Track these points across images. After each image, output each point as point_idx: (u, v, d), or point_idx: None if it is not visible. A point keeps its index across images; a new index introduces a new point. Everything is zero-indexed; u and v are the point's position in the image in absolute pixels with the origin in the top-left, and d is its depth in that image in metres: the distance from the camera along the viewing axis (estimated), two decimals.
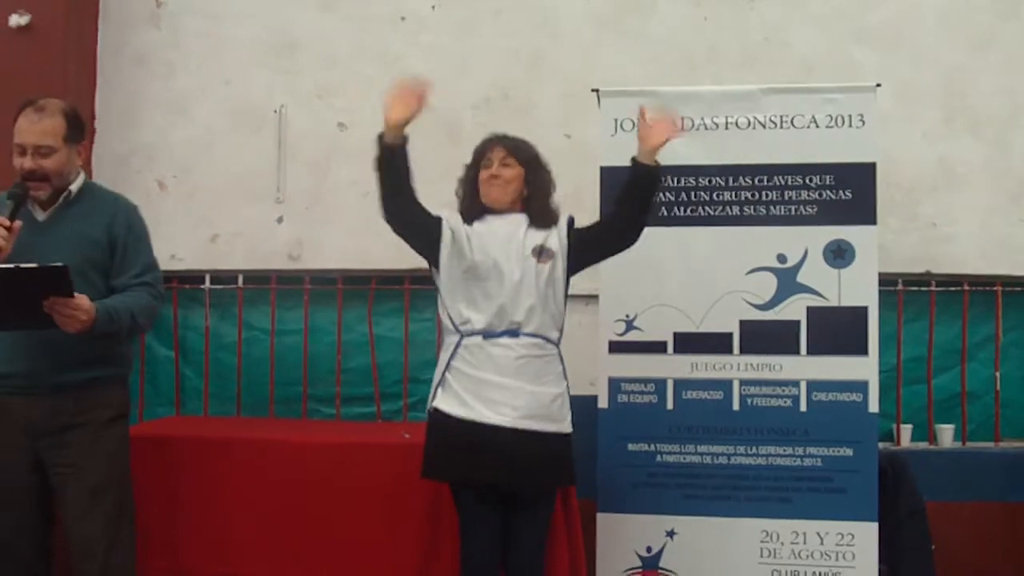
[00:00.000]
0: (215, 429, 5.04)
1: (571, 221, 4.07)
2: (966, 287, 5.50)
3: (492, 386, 3.79)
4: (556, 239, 3.97)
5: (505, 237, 3.92)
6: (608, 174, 4.71)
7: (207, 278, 5.71)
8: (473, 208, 4.01)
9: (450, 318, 3.91)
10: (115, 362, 3.95)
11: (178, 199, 5.68)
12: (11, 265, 3.41)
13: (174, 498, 4.48)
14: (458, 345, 3.86)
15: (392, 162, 3.88)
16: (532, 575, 3.89)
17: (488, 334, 3.83)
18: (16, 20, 5.29)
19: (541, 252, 3.91)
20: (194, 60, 5.70)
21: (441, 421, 3.84)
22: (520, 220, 3.98)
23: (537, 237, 3.94)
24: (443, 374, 3.89)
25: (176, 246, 5.60)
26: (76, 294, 3.53)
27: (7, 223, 3.59)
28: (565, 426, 3.91)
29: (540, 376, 3.85)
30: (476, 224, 3.97)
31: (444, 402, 3.86)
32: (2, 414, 3.79)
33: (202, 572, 4.46)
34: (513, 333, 3.83)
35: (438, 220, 3.95)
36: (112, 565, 3.87)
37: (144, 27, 5.73)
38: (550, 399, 3.85)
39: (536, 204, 4.02)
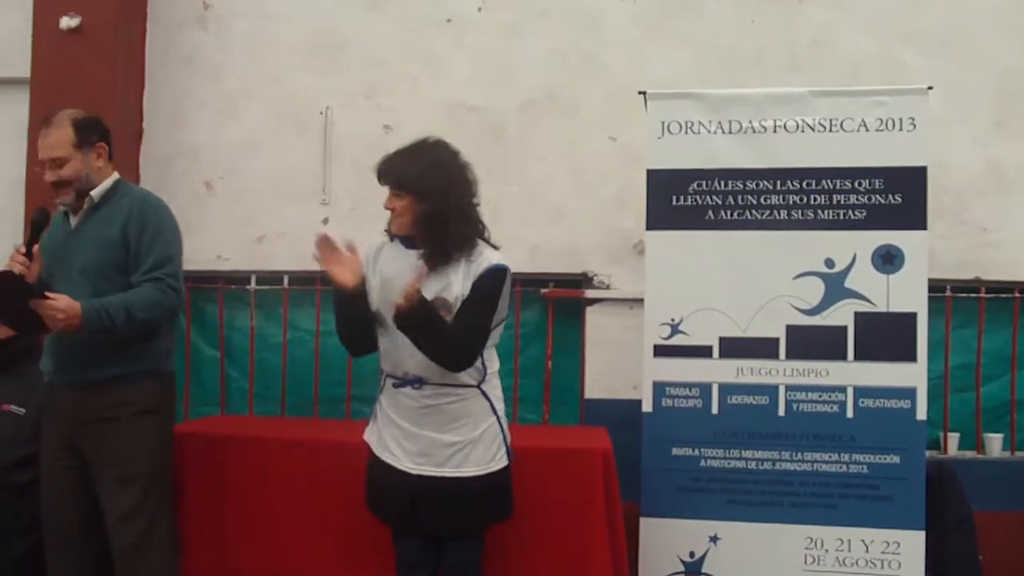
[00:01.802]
0: (260, 428, 5.06)
1: (491, 271, 3.60)
2: (1016, 294, 5.42)
3: (401, 430, 3.72)
4: (459, 283, 3.61)
5: (404, 279, 3.53)
6: (654, 177, 4.70)
7: (253, 279, 5.73)
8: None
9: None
10: (143, 358, 4.06)
11: (224, 200, 5.71)
12: None
13: (220, 495, 4.50)
14: (383, 382, 3.82)
15: (355, 311, 3.68)
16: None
17: (395, 382, 3.73)
18: (67, 22, 5.35)
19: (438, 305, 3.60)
20: (241, 61, 5.74)
21: (370, 454, 3.84)
22: (411, 257, 3.66)
23: (435, 283, 3.59)
24: (376, 406, 3.86)
25: (222, 247, 5.65)
26: (52, 294, 3.77)
27: (23, 250, 3.87)
28: (483, 468, 3.72)
29: (449, 423, 3.67)
30: (386, 252, 3.78)
31: (369, 435, 3.86)
32: (50, 403, 4.10)
33: (247, 569, 4.47)
34: (415, 384, 3.67)
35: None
36: (143, 557, 4.01)
37: (192, 28, 5.77)
38: (459, 446, 3.67)
39: (428, 241, 3.61)
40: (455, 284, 3.60)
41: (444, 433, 3.69)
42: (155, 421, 4.09)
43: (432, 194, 3.62)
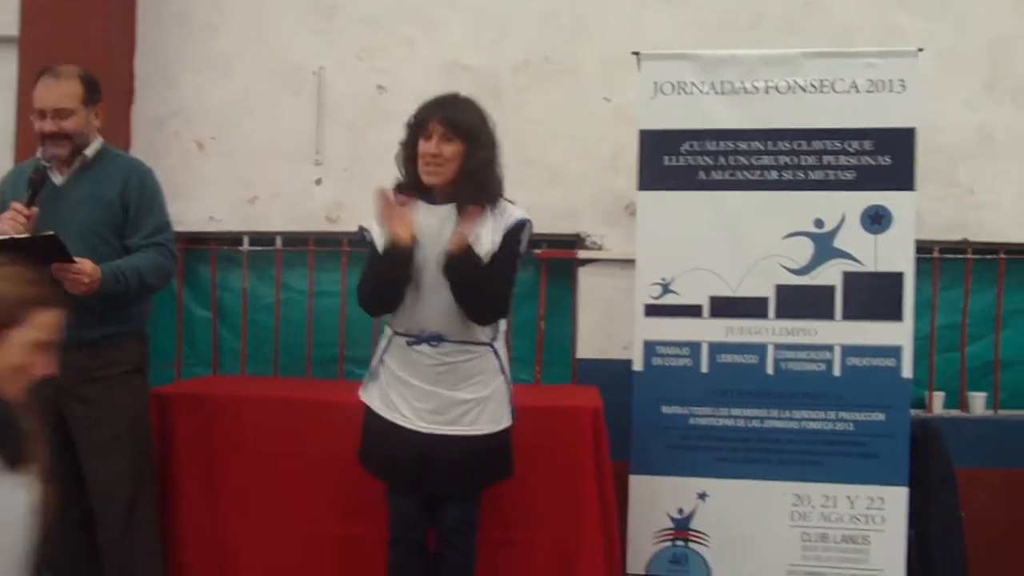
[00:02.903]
0: (252, 388, 5.12)
1: (520, 224, 3.76)
2: (1002, 255, 5.47)
3: (416, 391, 3.74)
4: (488, 236, 3.68)
5: (432, 236, 3.66)
6: (648, 137, 4.74)
7: (245, 240, 5.75)
8: (412, 188, 3.75)
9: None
10: (130, 319, 4.13)
11: (217, 160, 5.71)
12: (4, 236, 3.65)
13: (211, 454, 4.55)
14: (391, 341, 3.83)
15: (402, 268, 3.65)
16: (460, 545, 3.91)
17: (409, 340, 3.75)
18: None
19: None
20: (234, 21, 5.71)
21: (370, 415, 3.86)
22: (450, 213, 3.68)
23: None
24: (376, 365, 3.88)
25: (214, 207, 5.67)
26: (78, 258, 3.74)
27: (24, 209, 3.82)
28: (493, 426, 3.81)
29: (463, 381, 3.74)
30: (418, 205, 3.73)
31: (370, 395, 3.87)
32: None
33: (238, 528, 4.53)
34: (433, 341, 3.70)
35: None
36: (134, 515, 4.09)
37: None
38: (473, 403, 3.75)
39: (472, 190, 3.67)
40: (484, 238, 3.65)
41: (458, 391, 3.74)
42: (142, 380, 4.20)
43: (485, 142, 3.74)
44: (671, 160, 4.70)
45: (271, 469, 4.51)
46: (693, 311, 4.68)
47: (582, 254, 5.43)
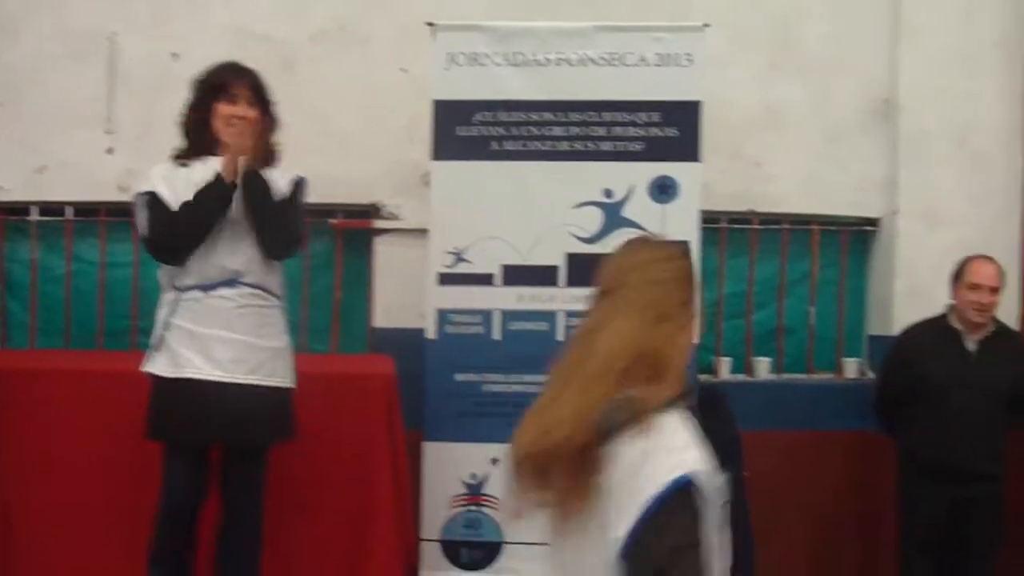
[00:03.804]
0: (42, 361, 4.97)
1: (301, 182, 3.99)
2: (786, 226, 5.71)
3: (213, 340, 3.76)
4: (280, 182, 3.90)
5: None
6: (441, 107, 4.76)
7: (34, 210, 5.54)
8: (202, 145, 3.86)
9: (168, 275, 3.87)
10: None
11: (3, 128, 5.47)
12: None
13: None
14: (177, 302, 3.82)
15: (226, 205, 3.77)
16: (248, 514, 3.95)
17: (206, 287, 3.78)
18: None
19: None
20: None
21: (157, 384, 3.83)
22: (240, 161, 3.81)
23: None
24: (161, 334, 3.84)
25: (1, 176, 5.44)
26: None
27: None
28: (286, 380, 3.90)
29: (260, 328, 3.82)
30: (196, 165, 3.84)
31: (156, 365, 3.84)
32: None
33: (24, 503, 4.39)
34: (231, 283, 3.78)
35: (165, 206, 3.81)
36: None
37: None
38: (270, 353, 3.84)
39: (263, 149, 3.90)
40: (277, 182, 3.85)
41: (259, 337, 3.80)
42: None
43: (271, 112, 3.97)
44: (464, 130, 4.74)
45: (62, 442, 4.38)
46: (485, 279, 4.73)
47: (378, 224, 5.44)
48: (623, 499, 2.03)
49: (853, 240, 5.83)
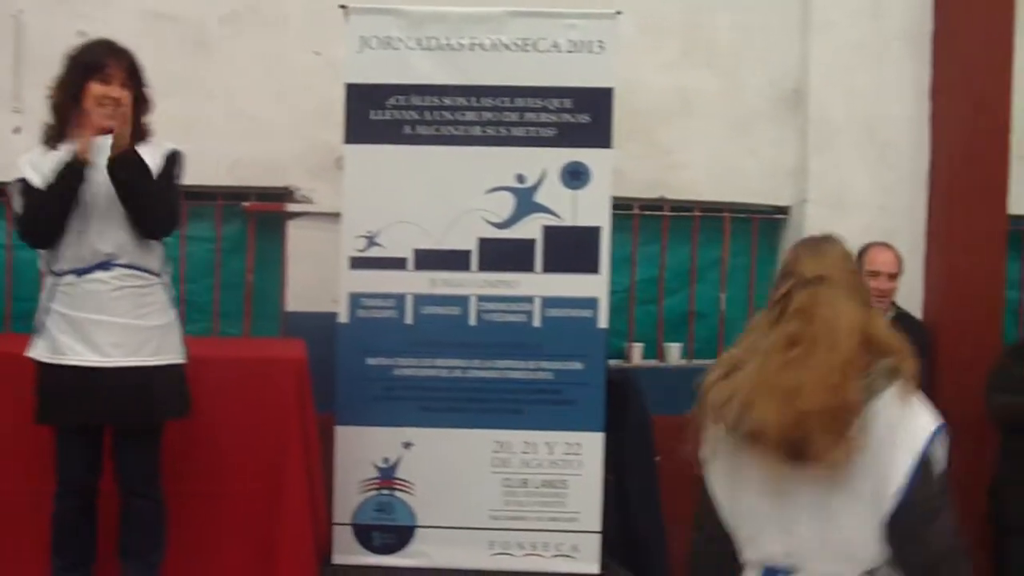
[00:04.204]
0: None
1: (175, 151, 3.95)
2: (697, 213, 5.78)
3: (91, 325, 3.74)
4: (151, 159, 3.82)
5: (96, 167, 3.74)
6: (354, 91, 4.73)
7: None
8: (70, 125, 3.79)
9: (44, 260, 3.85)
10: None
11: None
12: None
13: None
14: (54, 287, 3.80)
15: (77, 188, 3.72)
16: (147, 493, 3.93)
17: (80, 271, 3.76)
18: None
19: None
20: None
21: (40, 369, 3.80)
22: (105, 143, 3.74)
23: None
24: (42, 319, 3.83)
25: None
26: None
27: None
28: (172, 357, 3.89)
29: (139, 308, 3.80)
30: (63, 147, 3.78)
31: (37, 350, 3.81)
32: None
33: None
34: (105, 266, 3.76)
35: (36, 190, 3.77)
36: None
37: None
38: (152, 332, 3.82)
39: (136, 128, 3.82)
40: (147, 160, 3.78)
41: (139, 318, 3.77)
42: None
43: (145, 90, 3.90)
44: (377, 114, 4.72)
45: None
46: (398, 263, 4.72)
47: (291, 207, 5.41)
48: (888, 453, 2.42)
49: (763, 227, 5.92)
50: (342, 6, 4.77)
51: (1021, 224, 5.96)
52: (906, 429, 2.44)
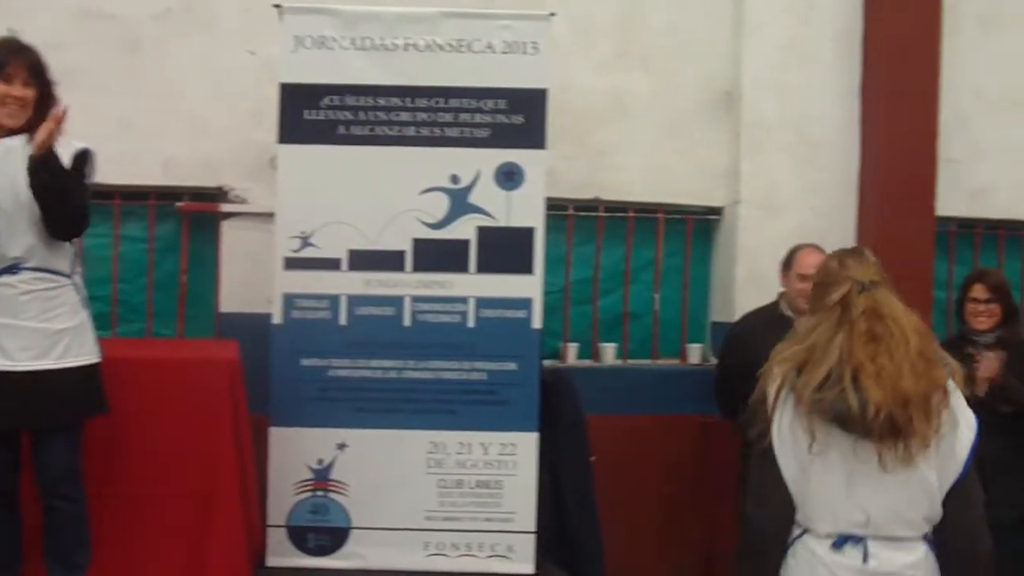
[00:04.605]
0: None
1: (84, 154, 3.89)
2: (631, 213, 5.82)
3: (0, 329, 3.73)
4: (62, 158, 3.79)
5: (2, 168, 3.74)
6: (288, 91, 4.72)
7: None
8: None
9: None
10: None
11: None
12: None
13: None
14: None
15: None
16: (66, 493, 3.91)
17: None
18: None
19: None
20: None
21: None
22: (13, 143, 3.75)
23: None
24: None
25: None
26: None
27: None
28: (85, 358, 3.88)
29: (48, 312, 3.78)
30: None
31: None
32: None
33: None
34: (12, 270, 3.74)
35: None
36: None
37: None
38: (62, 334, 3.80)
39: (38, 126, 3.74)
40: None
41: (48, 321, 3.75)
42: None
43: (51, 87, 3.86)
44: (311, 114, 4.71)
45: None
46: (332, 264, 4.71)
47: (225, 207, 5.37)
48: (953, 431, 2.83)
49: (697, 228, 5.98)
50: (276, 5, 4.75)
51: (948, 225, 6.09)
52: (964, 412, 2.88)
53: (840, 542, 2.88)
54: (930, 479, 2.83)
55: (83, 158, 3.86)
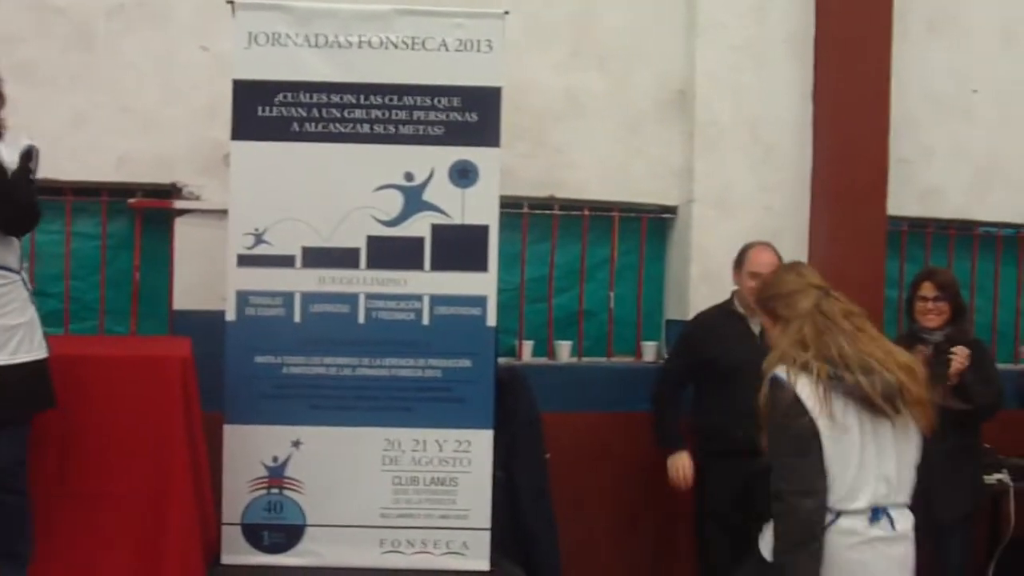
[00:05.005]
0: None
1: (30, 151, 3.89)
2: (586, 212, 5.85)
3: None
4: (8, 155, 3.82)
5: None
6: (241, 87, 4.70)
7: None
8: None
9: None
10: None
11: None
12: None
13: None
14: None
15: None
16: (11, 484, 3.91)
17: None
18: None
19: None
20: None
21: None
22: None
23: None
24: None
25: None
26: None
27: None
28: (33, 354, 3.89)
29: (3, 306, 3.80)
30: None
31: None
32: None
33: None
34: None
35: None
36: None
37: None
38: (13, 330, 3.81)
39: None
40: (4, 156, 3.75)
41: (3, 317, 3.75)
42: None
43: None
44: (265, 111, 4.69)
45: None
46: (286, 261, 4.69)
47: (179, 204, 5.34)
48: None
49: (652, 227, 6.01)
50: (229, 1, 4.73)
51: (900, 225, 6.16)
52: None
53: (875, 515, 3.27)
54: (914, 449, 3.34)
55: (29, 154, 3.84)
